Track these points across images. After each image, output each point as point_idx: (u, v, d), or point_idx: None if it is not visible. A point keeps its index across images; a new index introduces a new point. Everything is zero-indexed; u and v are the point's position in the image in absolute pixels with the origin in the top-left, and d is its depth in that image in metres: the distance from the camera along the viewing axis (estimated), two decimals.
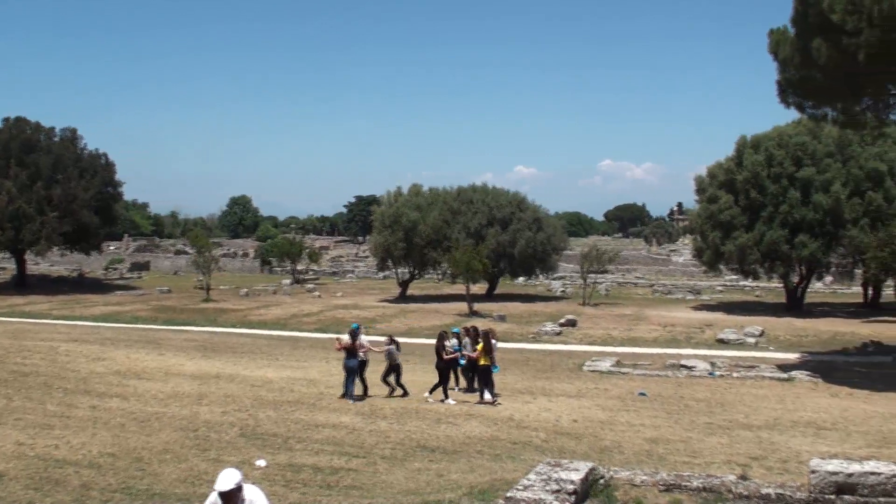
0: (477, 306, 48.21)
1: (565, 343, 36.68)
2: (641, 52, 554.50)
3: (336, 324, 41.23)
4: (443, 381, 21.90)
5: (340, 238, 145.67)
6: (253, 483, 8.26)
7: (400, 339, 37.66)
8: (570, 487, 9.25)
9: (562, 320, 41.68)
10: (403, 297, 57.82)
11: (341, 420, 18.42)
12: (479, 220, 57.16)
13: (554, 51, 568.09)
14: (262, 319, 45.42)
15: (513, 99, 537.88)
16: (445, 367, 22.11)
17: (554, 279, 70.41)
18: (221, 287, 63.42)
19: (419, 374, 25.82)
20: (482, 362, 21.06)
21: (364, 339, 22.26)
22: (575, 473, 9.73)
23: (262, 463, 14.26)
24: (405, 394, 21.85)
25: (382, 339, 24.32)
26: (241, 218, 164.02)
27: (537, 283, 70.45)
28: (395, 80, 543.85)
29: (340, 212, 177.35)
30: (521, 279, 68.01)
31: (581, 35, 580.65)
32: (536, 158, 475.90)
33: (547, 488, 9.17)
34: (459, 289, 53.69)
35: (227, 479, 7.12)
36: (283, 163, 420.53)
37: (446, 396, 21.52)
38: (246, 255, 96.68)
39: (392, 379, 22.10)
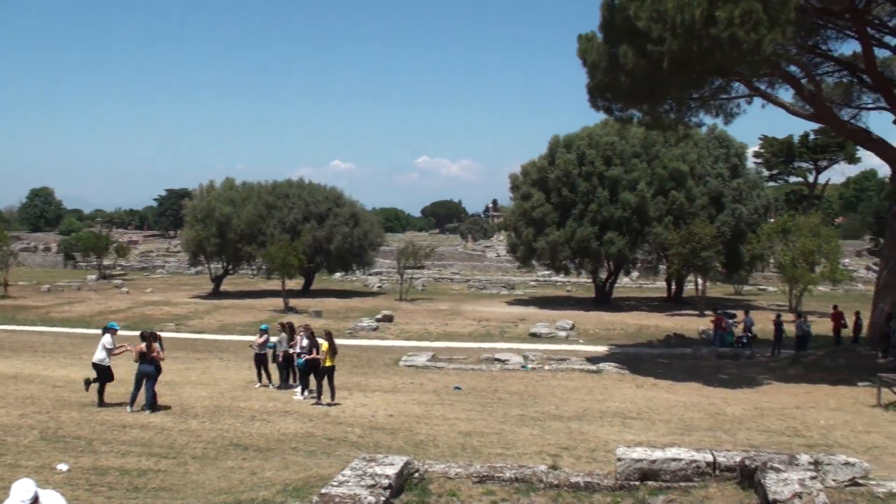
0: (293, 302, 47.73)
1: (382, 339, 36.72)
2: (459, 53, 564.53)
3: (145, 321, 39.74)
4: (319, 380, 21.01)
5: (150, 233, 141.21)
6: (53, 488, 7.76)
7: (214, 336, 37.32)
8: (385, 482, 9.19)
9: (378, 316, 41.76)
10: (217, 293, 56.55)
11: (150, 420, 17.73)
12: (295, 214, 56.57)
13: (373, 48, 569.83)
14: (65, 317, 43.32)
15: (330, 93, 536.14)
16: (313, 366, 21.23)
17: (371, 275, 70.60)
18: (21, 283, 60.32)
19: (233, 372, 25.30)
20: (328, 363, 20.54)
21: (107, 339, 20.44)
22: (390, 468, 9.68)
23: (63, 467, 13.51)
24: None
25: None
26: (42, 211, 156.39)
27: (354, 278, 70.47)
28: (205, 68, 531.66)
29: (150, 205, 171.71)
30: (337, 275, 67.84)
31: (401, 36, 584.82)
32: (354, 154, 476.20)
33: (362, 483, 9.08)
34: (275, 284, 52.96)
35: (21, 492, 6.26)
36: (88, 154, 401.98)
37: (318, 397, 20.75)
38: (48, 249, 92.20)
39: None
